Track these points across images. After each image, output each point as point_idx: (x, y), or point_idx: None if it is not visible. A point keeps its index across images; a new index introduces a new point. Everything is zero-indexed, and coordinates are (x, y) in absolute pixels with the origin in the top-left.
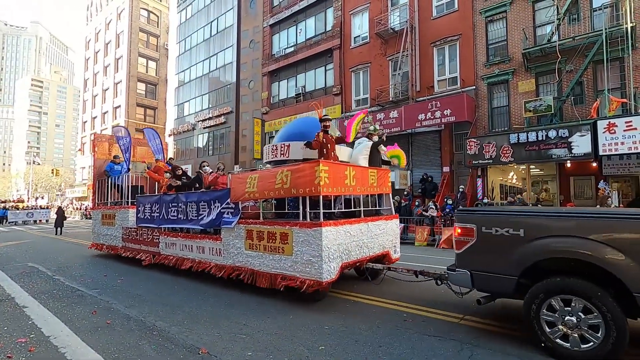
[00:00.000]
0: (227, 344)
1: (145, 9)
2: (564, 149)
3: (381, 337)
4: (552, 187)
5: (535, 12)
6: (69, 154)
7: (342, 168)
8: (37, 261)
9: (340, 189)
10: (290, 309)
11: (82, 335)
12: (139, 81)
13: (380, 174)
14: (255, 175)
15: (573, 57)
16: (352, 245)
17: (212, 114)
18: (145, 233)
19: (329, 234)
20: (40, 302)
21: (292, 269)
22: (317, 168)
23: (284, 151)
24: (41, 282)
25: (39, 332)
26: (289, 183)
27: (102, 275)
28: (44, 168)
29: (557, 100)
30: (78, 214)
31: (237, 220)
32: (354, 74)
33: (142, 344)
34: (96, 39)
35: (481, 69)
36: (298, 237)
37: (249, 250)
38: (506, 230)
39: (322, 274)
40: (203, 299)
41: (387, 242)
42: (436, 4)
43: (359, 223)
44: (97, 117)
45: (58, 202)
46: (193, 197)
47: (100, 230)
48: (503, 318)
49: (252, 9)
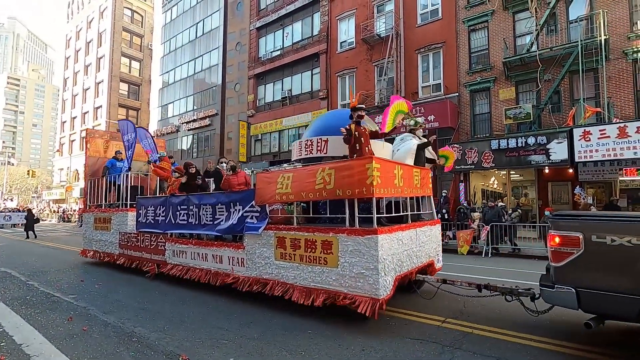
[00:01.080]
0: (208, 349)
1: (129, 8)
2: (542, 156)
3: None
4: (531, 193)
5: (515, 23)
6: (47, 154)
7: (392, 166)
8: (10, 266)
9: (390, 190)
10: (274, 314)
11: (57, 343)
12: (121, 81)
13: (423, 174)
14: (289, 174)
15: (551, 66)
16: (404, 255)
17: (197, 116)
18: (147, 239)
19: (385, 242)
20: (12, 309)
21: (337, 284)
22: (370, 165)
23: (321, 146)
24: (14, 287)
25: (11, 340)
26: (332, 183)
27: (79, 280)
28: (19, 169)
29: (536, 108)
30: (55, 216)
31: (265, 226)
32: (340, 78)
33: (120, 351)
34: (77, 37)
35: (464, 76)
36: (346, 246)
37: (281, 260)
38: (628, 240)
39: (379, 289)
40: (184, 304)
41: (432, 251)
42: (421, 12)
43: (409, 229)
44: (77, 117)
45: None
46: (208, 199)
47: (92, 235)
48: (610, 343)
49: (238, 11)
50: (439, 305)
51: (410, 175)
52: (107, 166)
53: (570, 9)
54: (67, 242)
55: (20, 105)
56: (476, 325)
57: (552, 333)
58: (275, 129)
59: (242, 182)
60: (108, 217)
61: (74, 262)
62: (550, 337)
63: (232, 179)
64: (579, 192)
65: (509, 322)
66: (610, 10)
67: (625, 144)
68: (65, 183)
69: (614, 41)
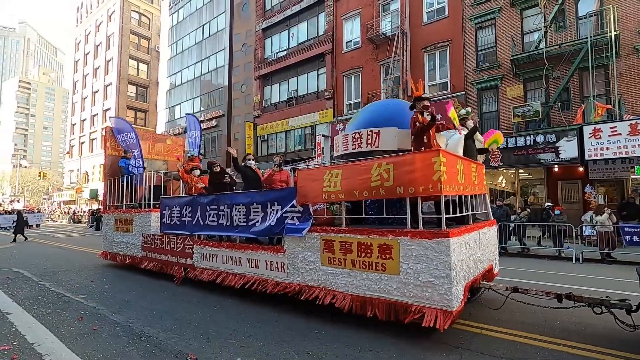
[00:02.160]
0: (216, 349)
1: (136, 12)
2: (552, 154)
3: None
4: (540, 191)
5: (523, 20)
6: (57, 157)
7: (455, 160)
8: (22, 266)
9: (454, 187)
10: (281, 315)
11: (68, 342)
12: (129, 84)
13: (479, 170)
14: (337, 170)
15: (560, 63)
16: (470, 260)
17: (204, 117)
18: (173, 241)
19: (456, 246)
20: (24, 309)
21: (399, 293)
22: (437, 159)
23: (372, 139)
24: (26, 287)
25: (23, 340)
26: (391, 179)
27: (89, 280)
28: (30, 171)
29: (545, 105)
30: (66, 218)
31: (309, 228)
32: (346, 78)
33: (129, 351)
34: (86, 41)
35: (471, 74)
36: (409, 250)
37: (328, 265)
38: None
39: (452, 300)
40: (191, 304)
41: (491, 254)
42: (427, 10)
43: (474, 231)
44: (87, 120)
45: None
46: (241, 198)
47: (113, 237)
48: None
49: (244, 12)
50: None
51: (469, 171)
52: (121, 166)
53: (579, 4)
54: (78, 243)
55: (31, 108)
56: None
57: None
58: (281, 129)
59: (284, 179)
60: (130, 218)
61: (85, 263)
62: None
63: (276, 176)
64: (589, 191)
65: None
66: (621, 6)
67: (637, 141)
68: (75, 185)
69: (624, 37)
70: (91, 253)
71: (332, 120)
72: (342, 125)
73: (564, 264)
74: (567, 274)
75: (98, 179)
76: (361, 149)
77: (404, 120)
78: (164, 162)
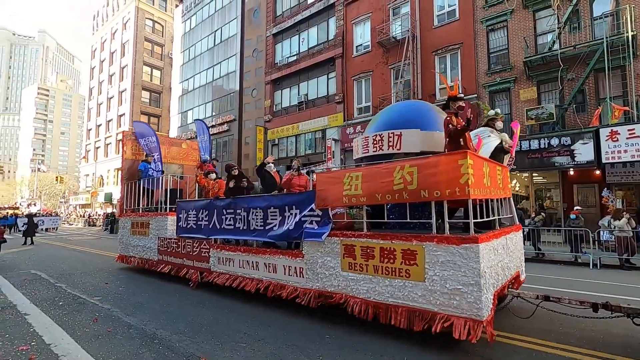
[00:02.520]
0: (227, 352)
1: (150, 19)
2: (567, 157)
3: None
4: (555, 195)
5: (536, 21)
6: (74, 161)
7: (481, 163)
8: (39, 268)
9: (481, 190)
10: (292, 319)
11: (83, 343)
12: (143, 89)
13: (504, 173)
14: (357, 173)
15: (574, 65)
16: (499, 267)
17: (215, 122)
18: (189, 245)
19: (485, 252)
20: (41, 310)
21: (424, 300)
22: (464, 162)
23: (394, 142)
24: (43, 289)
25: (40, 340)
26: (415, 183)
27: (104, 282)
28: (48, 175)
29: (559, 108)
30: (81, 221)
31: (329, 232)
32: (356, 82)
33: (142, 352)
34: (102, 48)
35: (482, 77)
36: (435, 256)
37: (349, 271)
38: None
39: (481, 309)
40: (204, 307)
41: (518, 261)
42: (437, 13)
43: (501, 237)
44: (102, 125)
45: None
46: (258, 202)
47: (129, 240)
48: None
49: (255, 18)
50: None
51: (494, 174)
52: (140, 169)
53: (594, 5)
54: (93, 246)
55: (49, 114)
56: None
57: None
58: (291, 133)
59: (302, 184)
60: (146, 221)
61: (99, 265)
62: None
63: (294, 180)
64: (606, 195)
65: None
66: (638, 5)
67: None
68: (91, 188)
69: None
70: (106, 256)
71: (342, 124)
72: (352, 129)
73: (582, 270)
74: (585, 280)
75: (112, 183)
76: (382, 152)
77: (427, 122)
78: (180, 166)
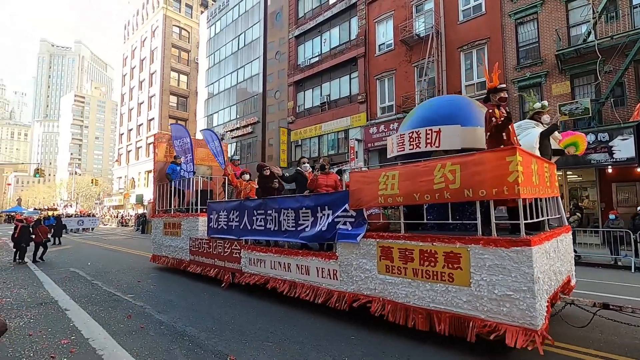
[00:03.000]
0: (254, 351)
1: (177, 26)
2: (604, 154)
3: None
4: (591, 194)
5: (569, 12)
6: (107, 164)
7: (530, 159)
8: (78, 266)
9: (530, 189)
10: (317, 319)
11: (118, 339)
12: (171, 94)
13: (551, 170)
14: (394, 172)
15: (612, 57)
16: (550, 271)
17: (240, 124)
18: (220, 245)
19: (538, 256)
20: (80, 306)
21: (470, 306)
22: (513, 158)
23: (432, 139)
24: (81, 286)
25: (79, 334)
26: (458, 181)
27: (136, 281)
28: (84, 178)
29: (596, 102)
30: (115, 221)
31: (364, 233)
32: (379, 81)
33: (173, 349)
34: (132, 56)
35: (511, 72)
36: (482, 259)
37: (386, 274)
38: None
39: (535, 317)
40: (231, 306)
41: (568, 265)
42: (462, 9)
43: (552, 239)
44: (133, 130)
45: (97, 209)
46: (290, 202)
47: (162, 241)
48: None
49: (277, 21)
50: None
51: (542, 172)
52: (167, 173)
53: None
54: (126, 245)
55: (85, 120)
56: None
57: None
58: (314, 134)
59: (331, 184)
60: (178, 222)
61: (132, 264)
62: None
63: (321, 179)
64: None
65: None
66: None
67: None
68: (123, 190)
69: None
70: (137, 255)
71: (365, 124)
72: (375, 128)
73: (622, 274)
74: (626, 284)
75: (143, 185)
76: (419, 149)
77: (467, 117)
78: (208, 167)
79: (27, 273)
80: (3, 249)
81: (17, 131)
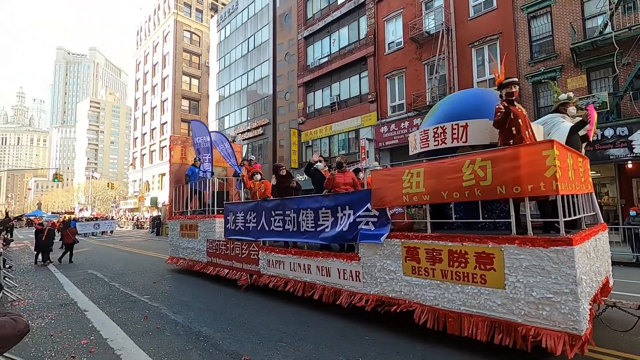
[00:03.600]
0: (267, 351)
1: (188, 31)
2: (624, 149)
3: None
4: (611, 191)
5: (584, 4)
6: (122, 168)
7: (565, 154)
8: (95, 268)
9: (567, 185)
10: (331, 319)
11: (135, 339)
12: (183, 98)
13: (585, 165)
14: (418, 169)
15: (630, 48)
16: (591, 272)
17: (251, 126)
18: (238, 247)
19: (580, 256)
20: (98, 307)
21: (505, 310)
22: (550, 152)
23: (458, 134)
24: (99, 287)
25: (98, 335)
26: (489, 178)
27: (152, 282)
28: (100, 182)
29: (614, 96)
30: (130, 224)
31: (388, 234)
32: (389, 80)
33: (189, 349)
34: (145, 61)
35: (524, 67)
36: (517, 260)
37: (412, 275)
38: None
39: (579, 321)
40: (244, 307)
41: (606, 264)
42: (473, 4)
43: (591, 237)
44: (147, 134)
45: (113, 212)
46: (309, 202)
47: (179, 242)
48: None
49: (286, 23)
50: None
51: (577, 166)
52: (187, 174)
53: None
54: (141, 247)
55: (100, 125)
56: None
57: None
58: (325, 134)
59: (348, 182)
60: (195, 224)
61: (147, 266)
62: None
63: (338, 178)
64: None
65: None
66: None
67: None
68: (138, 193)
69: None
70: (153, 257)
71: (375, 123)
72: (386, 127)
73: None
74: None
75: (157, 188)
76: (445, 145)
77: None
78: (224, 168)
79: (47, 275)
80: (25, 252)
81: (37, 137)
